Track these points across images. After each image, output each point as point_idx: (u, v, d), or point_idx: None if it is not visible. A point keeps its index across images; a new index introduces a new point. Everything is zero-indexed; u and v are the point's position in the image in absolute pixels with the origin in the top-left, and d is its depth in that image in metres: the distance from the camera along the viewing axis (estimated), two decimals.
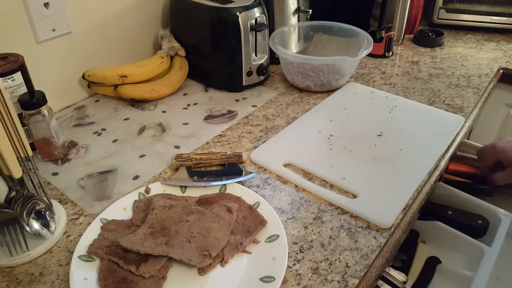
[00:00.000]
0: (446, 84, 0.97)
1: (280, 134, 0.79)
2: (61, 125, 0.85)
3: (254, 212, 0.60)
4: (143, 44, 1.03)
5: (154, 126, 0.84)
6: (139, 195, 0.64)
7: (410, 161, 0.71)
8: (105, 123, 0.85)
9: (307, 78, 0.93)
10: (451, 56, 1.11)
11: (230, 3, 0.89)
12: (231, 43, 0.89)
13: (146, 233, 0.55)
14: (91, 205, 0.65)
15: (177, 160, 0.70)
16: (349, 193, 0.66)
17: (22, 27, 0.79)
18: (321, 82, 0.93)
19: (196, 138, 0.80)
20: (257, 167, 0.72)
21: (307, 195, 0.66)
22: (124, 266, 0.52)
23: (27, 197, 0.56)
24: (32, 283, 0.53)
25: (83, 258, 0.53)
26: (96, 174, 0.71)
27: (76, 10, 0.86)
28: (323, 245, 0.57)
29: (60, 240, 0.59)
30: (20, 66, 0.70)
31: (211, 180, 0.66)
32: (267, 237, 0.57)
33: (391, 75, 1.02)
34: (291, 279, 0.52)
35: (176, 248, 0.53)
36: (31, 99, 0.68)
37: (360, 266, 0.54)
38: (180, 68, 0.97)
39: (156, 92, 0.91)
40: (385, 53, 1.10)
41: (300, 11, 1.02)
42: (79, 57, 0.90)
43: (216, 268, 0.53)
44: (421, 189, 0.67)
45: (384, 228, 0.59)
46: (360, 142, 0.76)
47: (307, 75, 0.93)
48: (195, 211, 0.59)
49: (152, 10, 1.02)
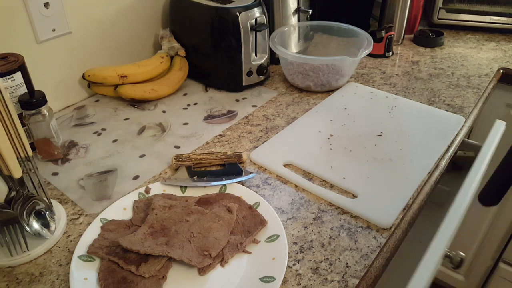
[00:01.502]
0: (446, 84, 0.97)
1: (280, 134, 0.79)
2: (61, 125, 0.85)
3: (254, 212, 0.60)
4: (143, 44, 1.03)
5: (154, 126, 0.84)
6: (139, 195, 0.64)
7: (410, 161, 0.71)
8: (105, 123, 0.85)
9: (307, 78, 0.93)
10: (451, 56, 1.11)
11: (230, 3, 0.89)
12: (231, 43, 0.89)
13: (146, 233, 0.56)
14: (91, 205, 0.65)
15: (177, 160, 0.70)
16: (349, 193, 0.66)
17: (22, 27, 0.79)
18: (321, 82, 0.93)
19: (196, 138, 0.80)
20: (257, 167, 0.72)
21: (307, 195, 0.66)
22: (124, 266, 0.52)
23: (27, 197, 0.56)
24: (32, 283, 0.53)
25: (83, 258, 0.53)
26: (96, 174, 0.71)
27: (76, 10, 0.86)
28: (323, 245, 0.57)
29: (60, 240, 0.59)
30: (20, 66, 0.70)
31: (211, 180, 0.66)
32: (267, 237, 0.57)
33: (391, 75, 1.02)
34: (291, 279, 0.52)
35: (176, 248, 0.53)
36: (31, 99, 0.68)
37: (360, 266, 0.54)
38: (180, 68, 0.97)
39: (156, 92, 0.91)
40: (385, 53, 1.10)
41: (300, 11, 1.02)
42: (79, 57, 0.90)
43: (216, 268, 0.53)
44: (421, 189, 0.67)
45: (384, 228, 0.59)
46: (360, 142, 0.76)
47: (307, 75, 0.93)
48: (195, 211, 0.59)
49: (152, 10, 1.02)
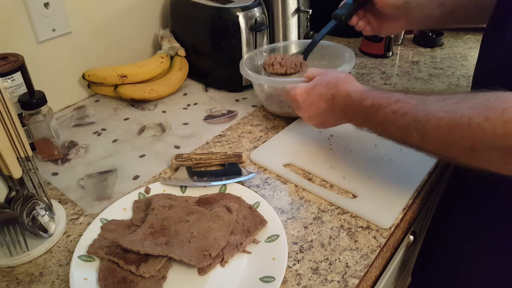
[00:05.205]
0: (446, 84, 0.97)
1: (280, 134, 0.79)
2: (61, 125, 0.85)
3: (254, 212, 0.60)
4: (143, 44, 1.03)
5: (154, 126, 0.84)
6: (139, 195, 0.64)
7: (410, 161, 0.71)
8: (105, 123, 0.85)
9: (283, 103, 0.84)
10: (451, 56, 1.11)
11: (230, 3, 0.89)
12: (231, 43, 0.89)
13: (146, 233, 0.55)
14: (91, 205, 0.65)
15: (177, 160, 0.70)
16: (349, 193, 0.66)
17: (22, 27, 0.79)
18: None
19: (196, 138, 0.80)
20: (257, 167, 0.72)
21: (307, 195, 0.66)
22: (124, 266, 0.52)
23: (27, 197, 0.56)
24: (32, 283, 0.53)
25: (83, 258, 0.53)
26: (96, 174, 0.71)
27: (76, 10, 0.86)
28: (323, 245, 0.57)
29: (60, 240, 0.59)
30: (20, 66, 0.70)
31: (211, 180, 0.66)
32: (267, 237, 0.57)
33: (391, 75, 1.02)
34: (291, 279, 0.52)
35: (176, 248, 0.53)
36: (31, 99, 0.68)
37: (360, 266, 0.54)
38: (180, 68, 0.97)
39: (156, 92, 0.91)
40: (385, 53, 1.10)
41: (300, 11, 1.02)
42: (79, 57, 0.90)
43: (216, 268, 0.53)
44: (421, 189, 0.67)
45: (384, 228, 0.59)
46: (360, 142, 0.76)
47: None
48: (195, 211, 0.59)
49: (152, 10, 1.02)
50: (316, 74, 0.68)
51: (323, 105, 0.65)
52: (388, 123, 0.54)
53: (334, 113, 0.64)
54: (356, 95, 0.59)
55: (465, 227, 0.66)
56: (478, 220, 0.63)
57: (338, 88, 0.62)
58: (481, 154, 0.44)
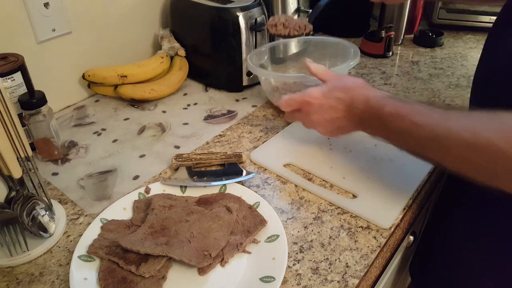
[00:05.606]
0: (446, 84, 0.97)
1: (280, 134, 0.79)
2: (61, 125, 0.85)
3: (254, 212, 0.60)
4: (143, 44, 1.03)
5: (154, 126, 0.84)
6: (139, 195, 0.64)
7: (410, 161, 0.71)
8: (105, 123, 0.85)
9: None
10: (451, 56, 1.11)
11: (230, 3, 0.89)
12: (231, 43, 0.89)
13: (146, 233, 0.55)
14: (91, 205, 0.65)
15: (177, 160, 0.70)
16: (349, 193, 0.66)
17: (22, 27, 0.79)
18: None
19: (196, 138, 0.80)
20: (257, 167, 0.72)
21: (307, 195, 0.66)
22: (124, 266, 0.52)
23: (27, 197, 0.56)
24: (32, 283, 0.53)
25: (83, 258, 0.53)
26: (96, 174, 0.71)
27: (76, 10, 0.86)
28: (323, 245, 0.57)
29: (60, 240, 0.59)
30: (20, 66, 0.70)
31: (211, 180, 0.66)
32: (267, 237, 0.57)
33: (391, 75, 1.02)
34: (291, 279, 0.52)
35: (176, 248, 0.53)
36: (31, 99, 0.68)
37: (360, 266, 0.54)
38: (180, 68, 0.97)
39: (156, 92, 0.91)
40: (385, 53, 1.10)
41: (300, 11, 1.02)
42: (79, 57, 0.90)
43: (216, 268, 0.53)
44: (421, 189, 0.67)
45: (384, 228, 0.59)
46: (360, 142, 0.76)
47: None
48: (195, 211, 0.59)
49: (152, 10, 1.02)
50: (330, 77, 0.65)
51: (341, 109, 0.60)
52: (406, 133, 0.52)
53: (351, 118, 0.60)
54: (375, 100, 0.56)
55: (465, 227, 0.65)
56: (478, 220, 0.63)
57: (357, 92, 0.59)
58: (501, 177, 0.43)
